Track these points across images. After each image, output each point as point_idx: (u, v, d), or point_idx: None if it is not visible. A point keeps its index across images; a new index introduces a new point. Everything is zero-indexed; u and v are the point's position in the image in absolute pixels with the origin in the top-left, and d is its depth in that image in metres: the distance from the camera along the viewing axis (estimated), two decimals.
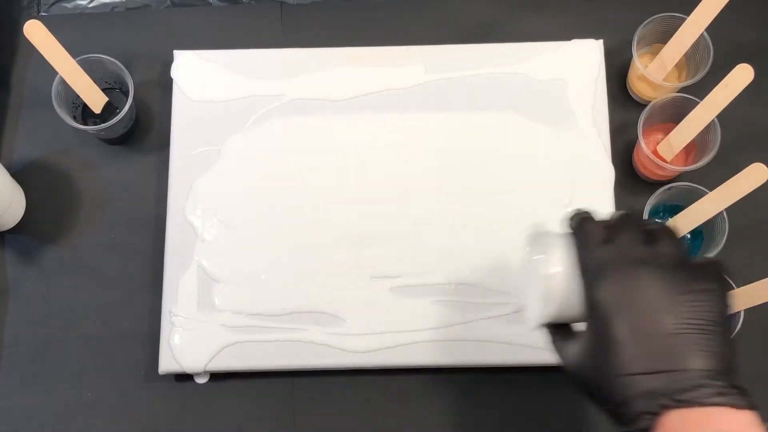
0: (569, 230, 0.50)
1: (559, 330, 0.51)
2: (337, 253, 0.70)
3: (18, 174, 0.75)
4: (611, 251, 0.47)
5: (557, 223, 0.52)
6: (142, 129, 0.77)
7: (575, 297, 0.48)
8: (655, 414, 0.43)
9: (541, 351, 0.68)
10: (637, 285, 0.45)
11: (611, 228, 0.48)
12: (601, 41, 0.75)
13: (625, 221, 0.49)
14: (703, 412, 0.42)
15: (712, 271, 0.47)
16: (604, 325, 0.45)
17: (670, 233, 0.48)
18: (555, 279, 0.49)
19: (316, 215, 0.71)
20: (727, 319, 0.46)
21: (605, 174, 0.72)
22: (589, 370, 0.47)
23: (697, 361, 0.43)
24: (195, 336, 0.69)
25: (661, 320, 0.44)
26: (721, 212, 0.66)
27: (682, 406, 0.42)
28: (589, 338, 0.47)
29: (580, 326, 0.49)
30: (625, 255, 0.47)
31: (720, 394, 0.42)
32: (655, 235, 0.48)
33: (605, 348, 0.45)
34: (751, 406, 0.43)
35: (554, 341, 0.51)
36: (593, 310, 0.46)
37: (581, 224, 0.49)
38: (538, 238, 0.52)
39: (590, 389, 0.47)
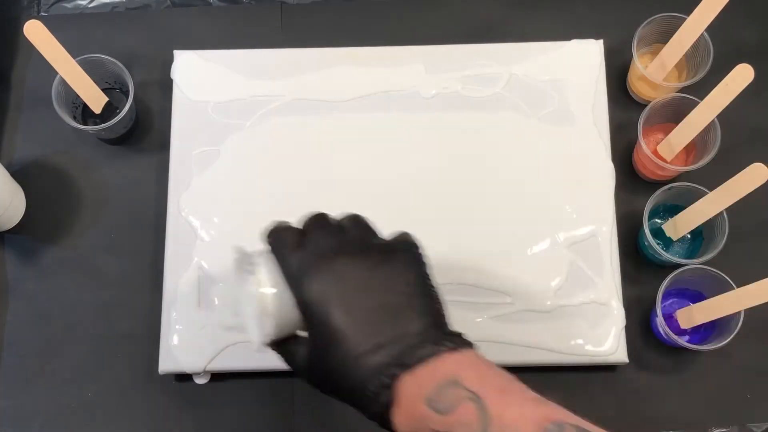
0: (267, 244, 0.51)
1: (285, 344, 0.51)
2: None
3: (18, 174, 0.75)
4: (305, 251, 0.49)
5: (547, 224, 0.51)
6: (142, 129, 0.77)
7: (289, 307, 0.49)
8: (389, 386, 0.45)
9: (541, 351, 0.68)
10: (337, 274, 0.47)
11: (303, 230, 0.51)
12: (601, 41, 0.75)
13: (314, 220, 0.51)
14: (428, 366, 0.44)
15: (399, 240, 0.50)
16: (321, 321, 0.47)
17: (357, 220, 0.51)
18: (265, 293, 0.49)
19: None
20: (426, 278, 0.49)
21: (605, 174, 0.72)
22: (322, 369, 0.48)
23: (413, 325, 0.46)
24: (195, 336, 0.69)
25: (366, 298, 0.47)
26: (721, 212, 0.66)
27: (411, 369, 0.44)
28: (312, 339, 0.48)
29: (303, 333, 0.50)
30: (319, 250, 0.48)
31: (437, 343, 0.45)
32: (343, 224, 0.51)
33: (329, 339, 0.46)
34: (467, 345, 0.46)
35: (283, 355, 0.52)
36: (307, 309, 0.48)
37: (275, 235, 0.51)
38: (241, 260, 0.52)
39: (329, 387, 0.49)
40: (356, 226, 0.51)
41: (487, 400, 0.43)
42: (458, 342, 0.46)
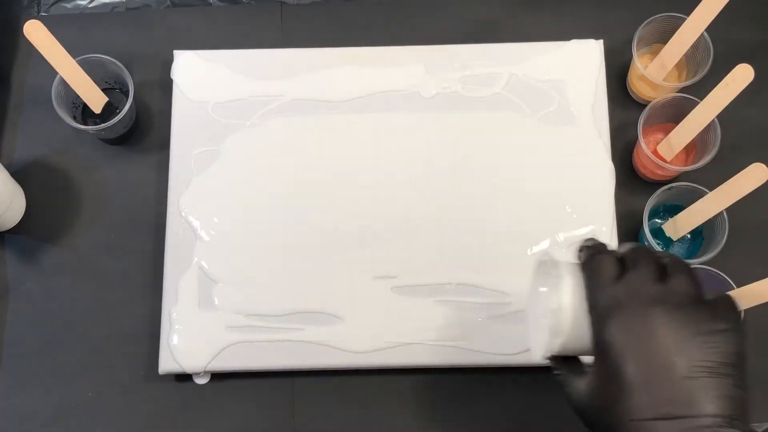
0: (579, 261, 0.49)
1: (564, 362, 0.50)
2: (337, 252, 0.70)
3: (18, 174, 0.75)
4: (622, 289, 0.45)
5: (559, 240, 0.49)
6: (142, 129, 0.77)
7: (583, 331, 0.47)
8: None
9: None
10: (649, 326, 0.44)
11: (623, 262, 0.47)
12: (601, 41, 0.75)
13: (638, 254, 0.47)
14: None
15: (726, 309, 0.46)
16: (613, 367, 0.44)
17: (683, 267, 0.46)
18: (563, 312, 0.47)
19: (316, 215, 0.71)
20: (741, 360, 0.44)
21: (606, 174, 0.72)
22: (598, 411, 0.46)
23: (711, 407, 0.42)
24: (195, 336, 0.69)
25: (673, 363, 0.43)
26: (721, 212, 0.66)
27: None
28: (597, 378, 0.46)
29: (587, 358, 0.48)
30: (636, 293, 0.45)
31: None
32: (668, 270, 0.46)
33: (615, 391, 0.44)
34: None
35: (559, 374, 0.50)
36: (602, 350, 0.45)
37: (592, 258, 0.48)
38: (546, 267, 0.50)
39: (597, 428, 0.46)
40: (683, 275, 0.46)
41: None
42: None
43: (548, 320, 0.48)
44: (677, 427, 0.42)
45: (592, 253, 0.48)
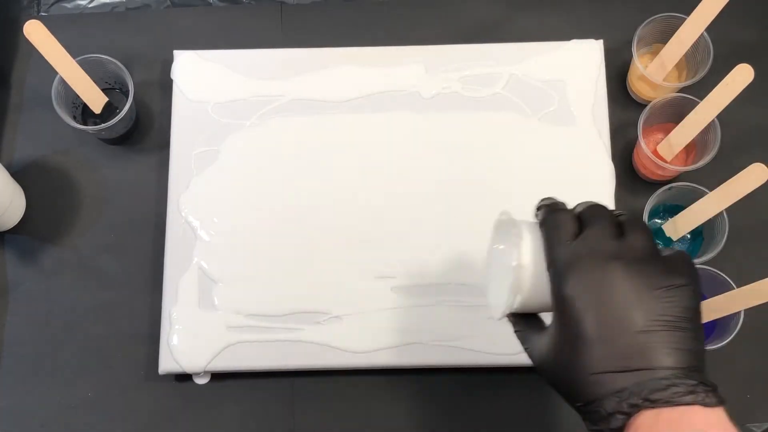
0: (537, 220, 0.49)
1: (524, 320, 0.50)
2: (337, 253, 0.70)
3: (18, 174, 0.75)
4: (580, 246, 0.46)
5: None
6: (142, 129, 0.77)
7: (543, 288, 0.47)
8: (627, 414, 0.42)
9: None
10: (607, 281, 0.44)
11: (580, 220, 0.47)
12: (601, 41, 0.75)
13: (595, 211, 0.47)
14: (675, 411, 0.42)
15: (682, 265, 0.46)
16: (572, 322, 0.44)
17: (640, 225, 0.47)
18: (523, 269, 0.48)
19: (316, 215, 0.71)
20: (698, 315, 0.45)
21: (605, 174, 0.72)
22: (558, 367, 0.46)
23: (668, 359, 0.43)
24: (195, 336, 0.69)
25: (631, 317, 0.43)
26: (721, 212, 0.66)
27: (655, 406, 0.42)
28: (557, 334, 0.46)
29: (546, 315, 0.48)
30: (594, 250, 0.45)
31: (691, 392, 0.42)
32: (626, 227, 0.47)
33: (574, 345, 0.44)
34: (720, 403, 0.42)
35: (519, 331, 0.50)
36: (561, 305, 0.45)
37: (550, 215, 0.48)
38: (505, 226, 0.51)
39: (560, 385, 0.46)
40: (639, 232, 0.46)
41: None
42: (712, 397, 0.42)
43: (508, 278, 0.48)
44: (635, 379, 0.42)
45: (549, 211, 0.48)
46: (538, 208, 0.50)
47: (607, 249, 0.45)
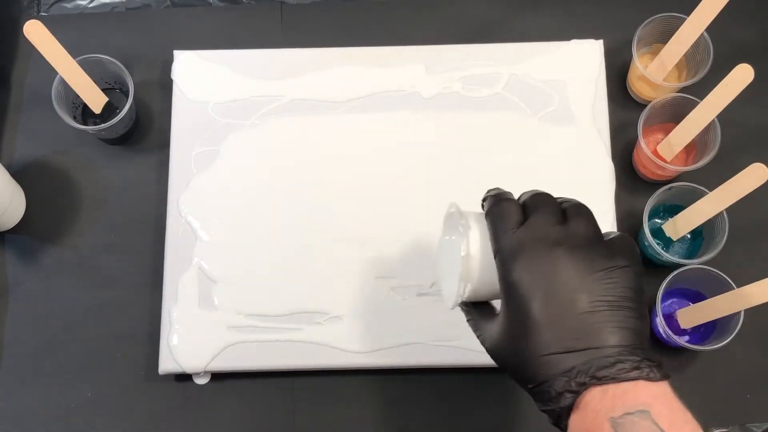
0: (484, 209, 0.51)
1: (475, 308, 0.52)
2: (337, 252, 0.70)
3: (18, 174, 0.75)
4: (525, 233, 0.47)
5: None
6: (142, 129, 0.77)
7: (491, 276, 0.49)
8: (576, 392, 0.44)
9: None
10: (551, 266, 0.46)
11: (525, 208, 0.49)
12: (601, 41, 0.75)
13: (539, 200, 0.49)
14: (621, 387, 0.43)
15: (623, 247, 0.48)
16: (520, 307, 0.46)
17: (583, 210, 0.49)
18: (471, 259, 0.49)
19: (316, 215, 0.71)
20: (640, 294, 0.46)
21: (605, 174, 0.72)
22: (509, 350, 0.47)
23: (613, 338, 0.44)
24: (195, 336, 0.69)
25: (575, 299, 0.45)
26: (721, 212, 0.66)
27: (601, 383, 0.43)
28: (506, 319, 0.47)
29: (497, 302, 0.49)
30: (538, 236, 0.47)
31: (636, 368, 0.43)
32: (569, 213, 0.48)
33: (523, 329, 0.46)
34: (665, 377, 0.44)
35: (471, 320, 0.52)
36: (508, 291, 0.47)
37: (496, 205, 0.50)
38: (453, 218, 0.52)
39: (512, 369, 0.48)
40: (581, 218, 0.48)
41: None
42: (656, 371, 0.44)
43: (458, 268, 0.50)
44: (582, 358, 0.44)
45: (495, 202, 0.50)
46: (484, 199, 0.51)
47: (551, 235, 0.47)
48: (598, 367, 0.44)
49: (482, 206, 0.51)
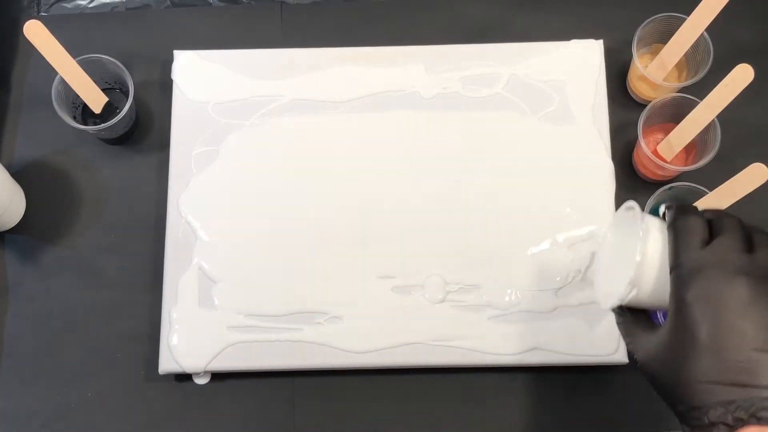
0: (666, 220, 0.50)
1: (631, 314, 0.51)
2: (337, 252, 0.70)
3: (18, 174, 0.75)
4: (709, 254, 0.46)
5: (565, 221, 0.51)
6: (142, 129, 0.77)
7: (661, 288, 0.47)
8: (731, 426, 0.43)
9: (541, 352, 0.68)
10: (731, 294, 0.45)
11: (711, 227, 0.48)
12: (601, 41, 0.75)
13: (728, 222, 0.48)
14: None
15: None
16: (689, 328, 0.45)
17: None
18: (647, 265, 0.48)
19: (316, 215, 0.71)
20: None
21: (605, 174, 0.72)
22: (666, 369, 0.46)
23: None
24: (195, 336, 0.69)
25: (749, 334, 0.44)
26: None
27: (760, 424, 0.42)
28: (670, 336, 0.46)
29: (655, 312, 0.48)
30: (723, 260, 0.46)
31: None
32: (756, 242, 0.47)
33: (687, 351, 0.45)
34: None
35: (623, 324, 0.51)
36: (680, 309, 0.46)
37: (681, 217, 0.48)
38: (630, 218, 0.51)
39: (664, 386, 0.47)
40: None
41: None
42: None
43: (629, 271, 0.48)
44: (745, 394, 0.43)
45: (680, 213, 0.49)
46: (669, 207, 0.50)
47: (736, 262, 0.46)
48: (761, 407, 0.43)
49: (666, 214, 0.50)
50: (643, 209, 0.68)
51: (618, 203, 0.72)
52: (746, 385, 0.43)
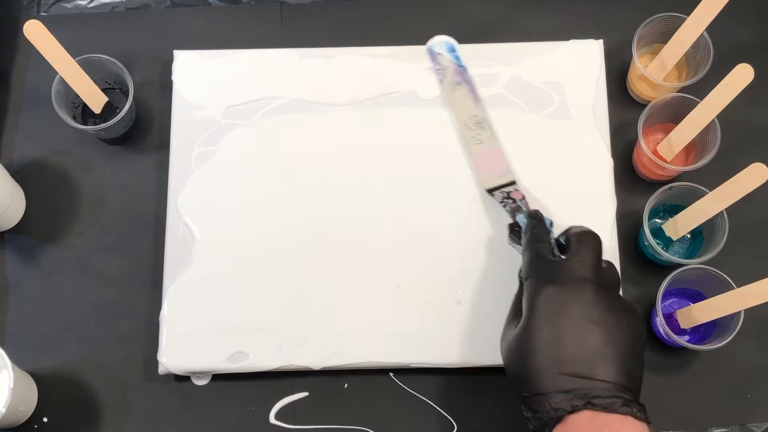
0: (524, 241, 0.60)
1: (511, 314, 0.58)
2: (338, 253, 0.70)
3: (18, 174, 0.75)
4: (559, 267, 0.55)
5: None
6: (142, 129, 0.77)
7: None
8: (569, 411, 0.50)
9: None
10: (577, 297, 0.53)
11: (568, 240, 0.56)
12: (601, 41, 0.75)
13: (586, 239, 0.56)
14: (610, 417, 0.50)
15: (636, 308, 0.56)
16: (542, 324, 0.53)
17: (614, 268, 0.57)
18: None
19: (316, 215, 0.71)
20: (643, 347, 0.54)
21: (606, 174, 0.72)
22: (519, 358, 0.54)
23: (614, 376, 0.51)
24: (195, 336, 0.69)
25: (592, 332, 0.52)
26: (721, 212, 0.66)
27: (594, 409, 0.50)
28: (523, 332, 0.54)
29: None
30: (575, 268, 0.54)
31: (627, 405, 0.50)
32: (604, 260, 0.56)
33: (536, 345, 0.53)
34: (648, 421, 0.51)
35: (505, 326, 0.59)
36: (533, 309, 0.54)
37: (537, 236, 0.59)
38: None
39: (516, 374, 0.54)
40: (613, 269, 0.57)
41: None
42: (643, 413, 0.51)
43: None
44: (584, 384, 0.50)
45: (534, 240, 0.59)
46: (530, 215, 0.61)
47: (587, 273, 0.54)
48: (596, 395, 0.50)
49: (524, 231, 0.61)
50: (643, 209, 0.69)
51: (618, 203, 0.72)
52: (585, 377, 0.51)
